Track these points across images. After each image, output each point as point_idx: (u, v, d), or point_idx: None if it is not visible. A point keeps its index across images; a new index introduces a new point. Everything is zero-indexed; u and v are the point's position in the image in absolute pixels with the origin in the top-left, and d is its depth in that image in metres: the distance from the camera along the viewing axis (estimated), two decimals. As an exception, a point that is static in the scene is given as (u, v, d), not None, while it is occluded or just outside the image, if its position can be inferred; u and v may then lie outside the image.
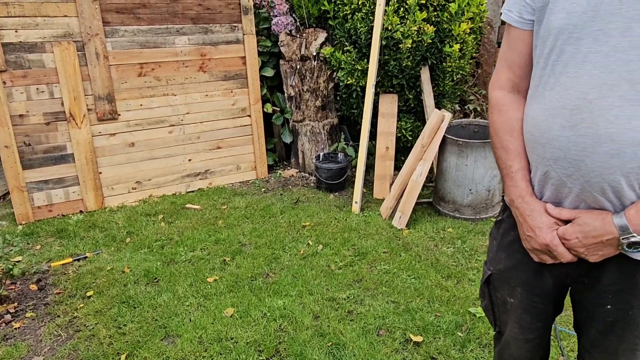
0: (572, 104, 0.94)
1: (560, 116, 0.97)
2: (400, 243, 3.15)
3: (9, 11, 3.23)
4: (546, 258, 1.08)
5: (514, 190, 1.11)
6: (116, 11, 3.57)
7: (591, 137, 0.92)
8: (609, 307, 1.06)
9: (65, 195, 3.62)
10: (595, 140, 0.92)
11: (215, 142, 4.17)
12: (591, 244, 0.99)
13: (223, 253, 3.05)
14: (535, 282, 1.17)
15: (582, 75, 0.93)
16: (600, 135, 0.91)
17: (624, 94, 0.88)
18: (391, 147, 3.82)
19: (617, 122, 0.89)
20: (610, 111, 0.89)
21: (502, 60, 1.17)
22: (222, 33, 4.00)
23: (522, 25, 1.08)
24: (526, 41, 1.09)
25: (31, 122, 3.43)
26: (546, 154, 1.01)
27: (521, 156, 1.10)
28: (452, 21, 3.60)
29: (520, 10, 1.07)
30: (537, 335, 1.23)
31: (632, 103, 0.88)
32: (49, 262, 2.95)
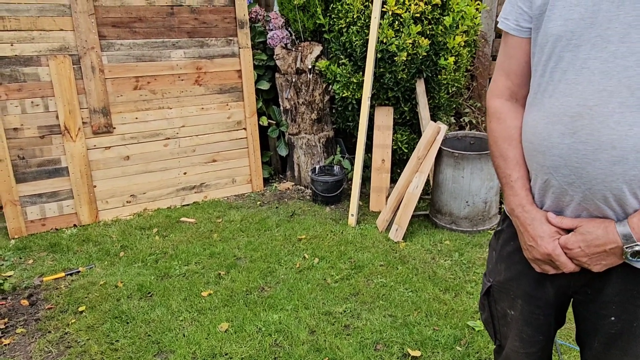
0: (572, 110, 0.94)
1: (560, 123, 0.95)
2: (397, 256, 3.12)
3: (4, 25, 3.24)
4: (548, 268, 1.06)
5: (514, 199, 1.10)
6: (112, 25, 3.58)
7: (592, 144, 0.91)
8: (613, 318, 1.03)
9: (59, 209, 3.59)
10: (596, 148, 0.91)
11: (210, 155, 4.15)
12: (594, 253, 0.97)
13: (218, 267, 3.01)
14: (536, 293, 1.14)
15: (581, 82, 0.92)
16: (601, 142, 0.90)
17: (624, 101, 0.87)
18: (387, 159, 3.82)
19: (618, 129, 0.88)
20: (611, 117, 0.89)
21: (499, 68, 1.16)
22: (217, 47, 4.01)
23: (519, 33, 1.08)
24: (524, 49, 1.08)
25: (25, 136, 3.41)
26: (546, 162, 1.00)
27: (520, 165, 1.09)
28: (446, 34, 3.63)
29: (517, 18, 1.07)
30: (538, 349, 1.20)
31: (633, 110, 0.87)
32: (41, 276, 2.90)
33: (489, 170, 3.29)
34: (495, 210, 3.49)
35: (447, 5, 3.65)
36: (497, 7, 4.45)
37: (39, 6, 3.31)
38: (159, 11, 3.73)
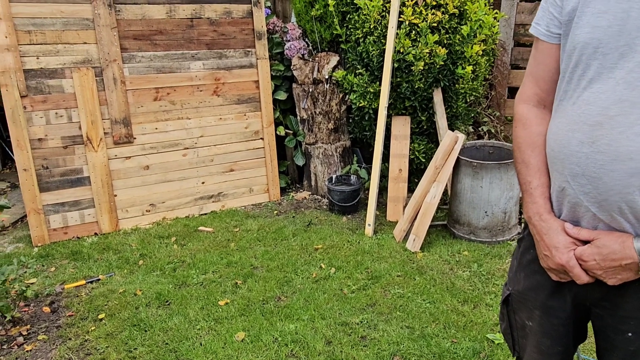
0: (592, 119, 0.93)
1: (579, 131, 0.94)
2: (414, 266, 3.09)
3: (31, 39, 3.34)
4: (564, 276, 1.05)
5: (532, 207, 1.09)
6: (134, 38, 3.66)
7: (610, 154, 0.90)
8: (630, 334, 1.00)
9: (81, 217, 3.66)
10: (614, 158, 0.89)
11: (228, 165, 4.19)
12: (609, 267, 0.95)
13: (235, 276, 3.03)
14: (554, 303, 1.12)
15: (605, 91, 0.91)
16: (619, 153, 0.88)
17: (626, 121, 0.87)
18: (404, 169, 3.80)
19: (637, 140, 0.87)
20: (632, 129, 0.87)
21: (529, 74, 1.16)
22: (236, 58, 4.07)
23: (549, 39, 1.07)
24: (553, 55, 1.08)
25: (49, 146, 3.50)
26: (564, 170, 0.99)
27: (541, 172, 1.08)
28: (464, 43, 3.61)
29: (548, 23, 1.06)
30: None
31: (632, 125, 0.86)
32: (63, 284, 2.96)
33: (508, 180, 3.24)
34: (515, 220, 3.43)
35: (464, 14, 3.64)
36: (516, 16, 4.41)
37: (64, 20, 3.42)
38: (179, 24, 3.80)
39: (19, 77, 3.31)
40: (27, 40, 3.33)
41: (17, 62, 3.30)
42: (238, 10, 4.01)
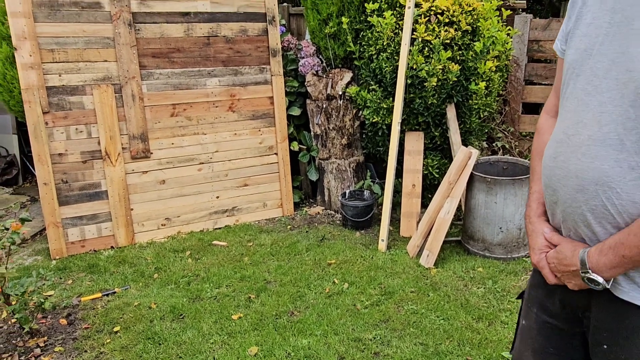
0: (558, 136, 1.02)
1: (551, 147, 1.04)
2: (428, 282, 3.07)
3: (54, 57, 3.45)
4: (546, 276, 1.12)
5: (527, 210, 1.19)
6: (152, 55, 3.76)
7: (564, 170, 0.98)
8: (605, 346, 1.02)
9: (98, 231, 3.72)
10: (566, 174, 0.98)
11: (242, 180, 4.24)
12: (563, 272, 1.02)
13: (248, 290, 3.04)
14: (547, 301, 1.17)
15: (570, 111, 0.99)
16: (569, 170, 0.96)
17: (593, 134, 0.91)
18: (418, 184, 3.80)
19: (583, 160, 0.93)
20: (580, 149, 0.94)
21: (554, 86, 1.24)
22: (251, 74, 4.15)
23: (561, 54, 1.14)
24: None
25: (69, 161, 3.58)
26: (543, 180, 1.09)
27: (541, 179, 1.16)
28: (477, 59, 3.63)
29: (561, 39, 1.13)
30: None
31: (597, 144, 0.90)
32: (79, 296, 3.00)
33: (523, 196, 3.22)
34: (530, 236, 3.39)
35: (477, 31, 3.66)
36: (529, 32, 4.43)
37: (85, 39, 3.53)
38: (196, 42, 3.90)
39: (41, 94, 3.42)
40: (50, 59, 3.44)
41: (40, 79, 3.40)
42: (254, 28, 4.10)
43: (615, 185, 0.89)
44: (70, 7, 3.46)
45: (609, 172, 0.89)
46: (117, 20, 3.58)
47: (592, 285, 0.96)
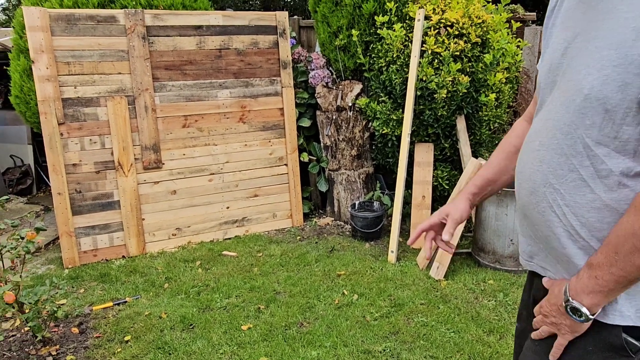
0: (522, 144, 1.09)
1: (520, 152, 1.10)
2: (438, 294, 3.05)
3: (70, 70, 3.53)
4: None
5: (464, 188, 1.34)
6: (165, 68, 3.83)
7: (522, 175, 1.04)
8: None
9: (110, 240, 3.76)
10: (523, 179, 1.03)
11: (252, 190, 4.27)
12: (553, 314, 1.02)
13: (258, 301, 3.05)
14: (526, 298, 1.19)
15: (534, 121, 1.06)
16: (525, 175, 1.02)
17: (542, 140, 0.97)
18: (427, 195, 3.79)
19: (533, 163, 0.99)
20: (533, 154, 1.00)
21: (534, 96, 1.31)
22: (261, 86, 4.19)
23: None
24: None
25: (83, 171, 3.64)
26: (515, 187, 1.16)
27: (489, 165, 1.29)
28: (487, 71, 3.64)
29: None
30: None
31: (544, 149, 0.96)
32: (91, 305, 3.03)
33: (533, 208, 3.19)
34: (541, 249, 3.36)
35: (487, 43, 3.68)
36: (539, 44, 4.43)
37: (100, 52, 3.60)
38: (208, 54, 3.96)
39: (57, 105, 3.49)
40: (66, 71, 3.52)
41: (56, 91, 3.48)
42: (264, 40, 4.15)
43: (559, 187, 0.94)
44: (87, 21, 3.54)
45: (552, 174, 0.95)
46: (132, 33, 3.65)
47: (576, 317, 0.92)
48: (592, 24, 0.88)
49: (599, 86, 0.84)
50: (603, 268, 0.86)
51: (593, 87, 0.85)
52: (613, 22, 0.83)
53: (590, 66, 0.86)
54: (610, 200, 0.87)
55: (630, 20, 0.80)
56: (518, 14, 4.61)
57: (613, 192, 0.87)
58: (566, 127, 0.91)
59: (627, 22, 0.81)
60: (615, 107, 0.83)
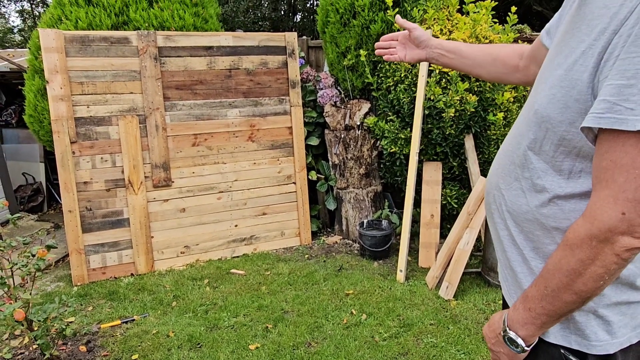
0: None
1: None
2: (447, 315, 3.02)
3: (83, 89, 3.60)
4: None
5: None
6: (176, 87, 3.89)
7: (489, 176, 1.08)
8: None
9: (119, 258, 3.78)
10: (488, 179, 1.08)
11: (261, 209, 4.28)
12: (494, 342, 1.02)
13: (265, 320, 3.03)
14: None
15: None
16: (489, 176, 1.07)
17: (504, 146, 1.02)
18: (436, 214, 3.78)
19: (493, 166, 1.05)
20: (497, 159, 1.05)
21: None
22: (270, 105, 4.24)
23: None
24: None
25: (94, 189, 3.68)
26: None
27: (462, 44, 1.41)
28: (495, 90, 3.66)
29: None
30: None
31: (503, 154, 1.01)
32: (99, 323, 3.03)
33: (543, 227, 3.17)
34: (552, 269, 3.32)
35: (494, 62, 3.70)
36: (547, 63, 4.44)
37: (113, 72, 3.68)
38: (218, 74, 4.02)
39: (70, 124, 3.55)
40: (79, 91, 3.59)
41: (69, 110, 3.54)
42: (274, 61, 4.22)
43: (505, 192, 0.97)
44: (100, 42, 3.63)
45: (502, 179, 0.98)
46: (144, 54, 3.73)
47: (513, 347, 0.92)
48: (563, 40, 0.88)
49: (545, 104, 0.85)
50: (535, 301, 0.86)
51: (541, 103, 0.86)
52: (573, 41, 0.83)
53: (545, 82, 0.87)
54: (540, 215, 0.89)
55: (585, 42, 0.79)
56: (525, 34, 4.64)
57: (543, 207, 0.88)
58: (518, 137, 0.94)
59: (580, 45, 0.80)
60: (555, 127, 0.83)
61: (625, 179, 0.72)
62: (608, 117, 0.72)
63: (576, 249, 0.78)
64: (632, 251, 0.75)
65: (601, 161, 0.76)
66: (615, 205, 0.73)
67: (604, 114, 0.73)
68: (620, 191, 0.73)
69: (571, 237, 0.80)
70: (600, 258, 0.76)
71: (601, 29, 0.76)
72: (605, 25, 0.76)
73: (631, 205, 0.72)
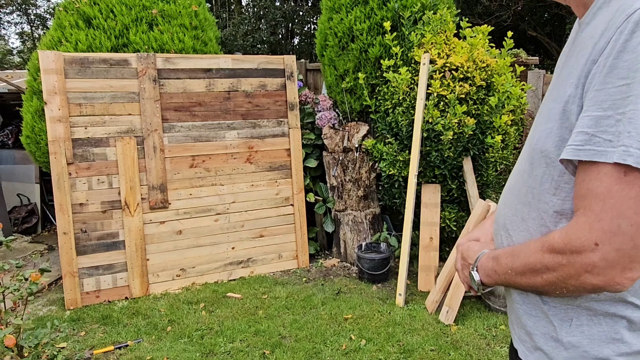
0: None
1: None
2: (448, 340, 2.96)
3: (81, 111, 3.59)
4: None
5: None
6: (174, 109, 3.89)
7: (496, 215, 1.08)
8: None
9: (113, 281, 3.71)
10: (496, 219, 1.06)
11: (258, 231, 4.23)
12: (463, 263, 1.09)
13: (262, 345, 2.96)
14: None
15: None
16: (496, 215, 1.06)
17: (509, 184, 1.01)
18: (435, 237, 3.75)
19: (500, 207, 1.03)
20: (502, 197, 1.05)
21: None
22: (269, 127, 4.24)
23: None
24: None
25: (89, 210, 3.64)
26: None
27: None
28: (492, 114, 3.68)
29: None
30: None
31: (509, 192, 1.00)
32: (92, 349, 2.95)
33: (544, 251, 3.14)
34: (553, 293, 3.28)
35: (492, 86, 3.74)
36: (543, 87, 4.49)
37: (112, 94, 3.68)
38: (217, 96, 4.04)
39: (67, 145, 3.53)
40: (77, 112, 3.58)
41: (66, 132, 3.53)
42: (272, 83, 4.24)
43: (512, 233, 0.95)
44: (100, 64, 3.64)
45: (509, 219, 0.96)
46: (143, 76, 3.74)
47: (472, 280, 0.99)
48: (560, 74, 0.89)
49: (543, 138, 0.84)
50: (499, 268, 0.91)
51: (540, 138, 0.85)
52: (566, 73, 0.83)
53: (543, 116, 0.87)
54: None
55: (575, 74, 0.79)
56: (521, 58, 4.70)
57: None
58: (522, 174, 0.93)
59: (571, 77, 0.80)
60: (554, 161, 0.82)
61: (601, 209, 0.71)
62: (587, 150, 0.73)
63: (547, 254, 0.80)
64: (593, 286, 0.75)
65: (579, 189, 0.76)
66: (590, 233, 0.73)
67: (583, 146, 0.73)
68: (596, 220, 0.72)
69: (547, 241, 0.80)
70: (559, 271, 0.78)
71: (585, 60, 0.77)
72: (588, 55, 0.77)
73: (606, 237, 0.71)
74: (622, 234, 0.70)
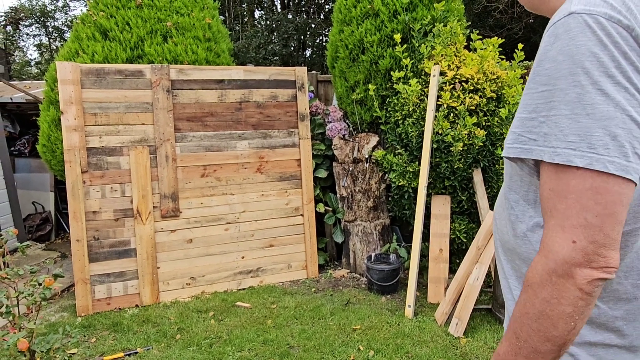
0: None
1: None
2: (457, 353, 2.93)
3: (96, 120, 3.67)
4: None
5: None
6: (187, 119, 3.95)
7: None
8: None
9: (124, 289, 3.75)
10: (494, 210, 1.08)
11: (268, 241, 4.25)
12: None
13: (270, 355, 2.96)
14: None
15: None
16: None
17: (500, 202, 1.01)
18: (445, 248, 3.73)
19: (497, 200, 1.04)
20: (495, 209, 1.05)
21: None
22: (279, 138, 4.28)
23: None
24: None
25: (102, 218, 3.69)
26: None
27: None
28: (503, 125, 3.67)
29: None
30: None
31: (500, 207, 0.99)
32: (102, 355, 2.98)
33: (555, 263, 3.11)
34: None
35: (502, 98, 3.74)
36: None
37: (126, 104, 3.75)
38: (228, 107, 4.09)
39: (82, 154, 3.60)
40: (92, 122, 3.66)
41: (82, 140, 3.60)
42: (284, 94, 4.29)
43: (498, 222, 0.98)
44: (115, 75, 3.72)
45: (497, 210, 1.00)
46: (157, 87, 3.81)
47: None
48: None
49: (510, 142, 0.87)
50: (509, 357, 0.79)
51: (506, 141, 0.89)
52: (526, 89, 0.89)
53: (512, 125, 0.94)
54: (516, 244, 0.91)
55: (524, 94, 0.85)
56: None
57: (517, 238, 0.90)
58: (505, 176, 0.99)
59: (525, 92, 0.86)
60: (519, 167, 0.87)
61: (566, 206, 0.72)
62: (515, 147, 0.80)
63: (538, 288, 0.74)
64: (594, 283, 0.71)
65: (543, 191, 0.77)
66: (564, 233, 0.72)
67: (512, 144, 0.81)
68: (564, 218, 0.72)
69: (531, 276, 0.76)
70: (564, 295, 0.71)
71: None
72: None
73: (579, 231, 0.71)
74: (590, 226, 0.70)
